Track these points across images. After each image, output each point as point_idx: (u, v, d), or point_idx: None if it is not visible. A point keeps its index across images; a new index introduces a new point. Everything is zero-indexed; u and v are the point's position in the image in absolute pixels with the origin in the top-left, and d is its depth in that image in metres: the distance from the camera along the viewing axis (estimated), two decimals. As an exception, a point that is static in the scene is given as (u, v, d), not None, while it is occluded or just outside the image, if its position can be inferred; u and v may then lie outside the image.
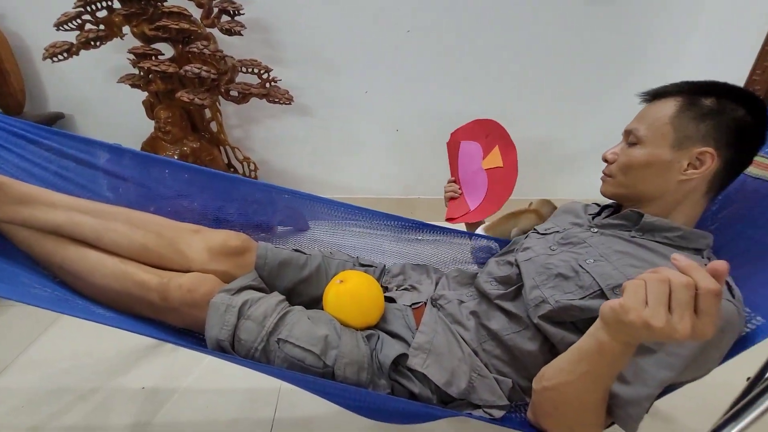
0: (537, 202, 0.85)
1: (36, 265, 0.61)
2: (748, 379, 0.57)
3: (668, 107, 0.59)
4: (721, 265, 0.34)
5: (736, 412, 0.53)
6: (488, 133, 0.98)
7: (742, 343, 0.54)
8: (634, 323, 0.36)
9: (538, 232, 0.73)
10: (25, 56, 1.42)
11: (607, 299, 0.50)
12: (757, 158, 0.68)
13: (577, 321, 0.55)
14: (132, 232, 0.63)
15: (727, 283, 0.51)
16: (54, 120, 1.47)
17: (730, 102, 0.56)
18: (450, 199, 0.97)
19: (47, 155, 0.75)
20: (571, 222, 0.71)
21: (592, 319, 0.45)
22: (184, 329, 0.65)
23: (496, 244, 0.89)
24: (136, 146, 1.39)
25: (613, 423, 0.52)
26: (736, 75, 1.26)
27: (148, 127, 1.36)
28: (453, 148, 1.02)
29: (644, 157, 0.60)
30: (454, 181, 1.00)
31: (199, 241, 0.67)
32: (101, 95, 1.48)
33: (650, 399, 0.48)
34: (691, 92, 0.58)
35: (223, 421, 0.88)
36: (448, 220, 0.95)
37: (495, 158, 0.95)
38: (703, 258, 0.56)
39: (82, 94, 1.49)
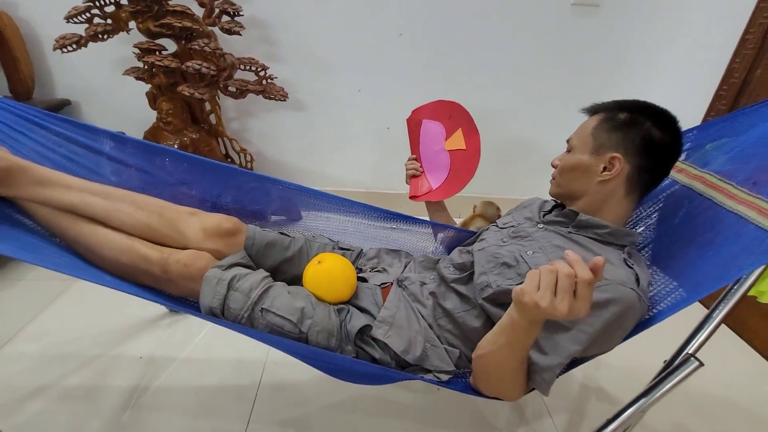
0: (480, 206, 0.92)
1: (54, 237, 0.70)
2: (665, 361, 0.67)
3: (593, 121, 0.69)
4: (599, 260, 0.43)
5: (646, 390, 0.63)
6: (451, 114, 0.99)
7: (663, 314, 0.64)
8: (528, 304, 0.46)
9: (497, 226, 0.82)
10: (34, 44, 1.50)
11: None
12: (685, 167, 0.78)
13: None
14: (137, 213, 0.73)
15: (636, 276, 0.61)
16: (61, 106, 1.55)
17: (640, 117, 0.66)
18: (412, 177, 1.00)
19: (57, 140, 0.83)
20: (525, 217, 0.80)
21: None
22: (180, 297, 0.74)
23: (466, 235, 0.97)
24: (139, 134, 1.48)
25: (533, 389, 0.63)
26: (708, 84, 1.35)
27: (150, 116, 1.45)
28: (414, 125, 1.01)
29: (572, 161, 0.70)
30: (415, 159, 1.02)
31: (195, 222, 0.77)
32: (106, 84, 1.56)
33: (560, 366, 0.58)
34: (612, 109, 0.69)
35: (214, 387, 0.98)
36: (412, 198, 0.98)
37: (458, 140, 0.97)
38: (623, 253, 0.66)
39: (88, 83, 1.57)
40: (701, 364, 0.62)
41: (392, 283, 0.79)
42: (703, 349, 1.19)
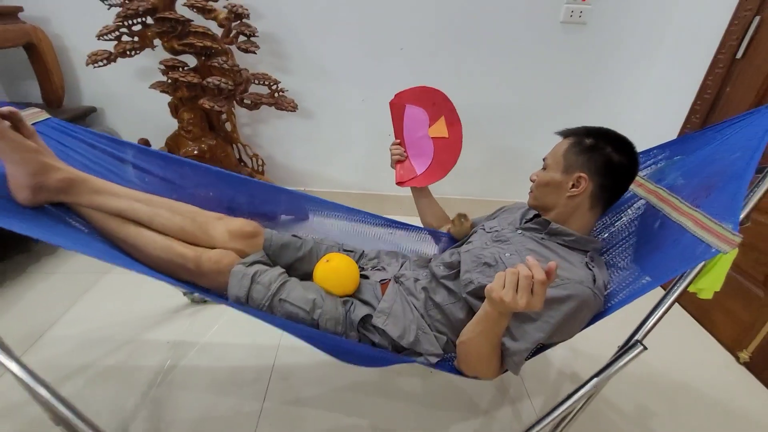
0: (455, 220, 1.00)
1: (104, 237, 0.83)
2: (619, 347, 0.79)
3: (565, 144, 0.81)
4: (552, 265, 0.56)
5: (600, 370, 0.75)
6: (434, 102, 1.01)
7: (619, 304, 0.74)
8: (495, 299, 0.58)
9: (484, 230, 0.95)
10: (64, 56, 1.63)
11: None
12: (644, 182, 0.90)
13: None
14: (173, 217, 0.85)
15: (594, 276, 0.73)
16: (88, 113, 1.68)
17: (602, 142, 0.78)
18: (397, 162, 1.06)
19: (99, 154, 0.95)
20: (508, 222, 0.93)
21: None
22: (209, 289, 0.87)
23: (449, 237, 1.09)
24: (161, 140, 1.61)
25: (506, 370, 0.75)
26: (684, 100, 1.46)
27: (170, 123, 1.57)
28: (398, 109, 1.02)
29: (546, 178, 0.82)
30: (399, 144, 1.05)
31: (221, 226, 0.89)
32: (129, 93, 1.69)
33: (527, 351, 0.70)
34: (581, 134, 0.81)
35: (232, 368, 1.12)
36: (399, 184, 1.02)
37: (441, 128, 1.00)
38: (586, 257, 0.78)
39: (113, 92, 1.70)
40: (645, 348, 0.74)
41: (390, 280, 0.91)
42: (672, 341, 1.34)
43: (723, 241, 0.65)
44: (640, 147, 0.84)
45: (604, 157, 0.78)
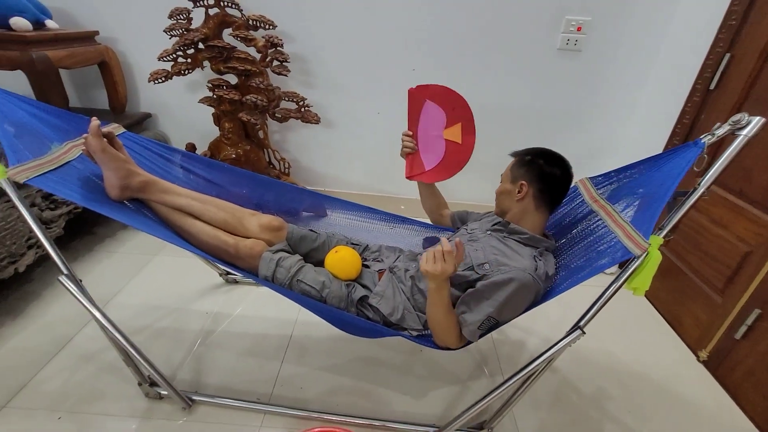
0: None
1: (168, 225, 1.08)
2: (567, 332, 0.98)
3: (512, 161, 1.05)
4: (457, 241, 0.80)
5: (548, 349, 0.94)
6: (455, 106, 1.05)
7: (560, 291, 0.91)
8: (424, 272, 0.81)
9: (466, 230, 1.15)
10: (128, 70, 1.93)
11: (475, 272, 0.94)
12: (599, 199, 1.08)
13: (460, 284, 0.97)
14: (218, 212, 1.10)
15: (536, 266, 0.92)
16: (145, 118, 1.98)
17: (537, 158, 1.00)
18: (407, 154, 1.14)
19: (162, 161, 1.22)
20: (484, 225, 1.13)
21: (468, 283, 0.89)
22: (243, 269, 1.11)
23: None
24: (204, 144, 1.88)
25: (470, 342, 0.96)
26: (667, 123, 1.60)
27: (212, 130, 1.85)
28: (417, 101, 1.03)
29: (501, 188, 1.05)
30: (412, 136, 1.10)
31: (255, 220, 1.13)
32: (179, 102, 1.97)
33: (480, 322, 0.90)
34: (522, 154, 1.03)
35: (258, 335, 1.36)
36: (408, 177, 1.09)
37: (455, 133, 1.04)
38: (535, 252, 0.98)
39: (166, 101, 1.99)
40: (584, 333, 0.92)
41: (386, 270, 1.13)
42: (640, 337, 1.51)
43: (637, 246, 0.83)
44: (628, 161, 1.02)
45: (539, 168, 1.00)
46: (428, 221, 1.36)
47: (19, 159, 0.88)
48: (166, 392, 1.09)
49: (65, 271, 0.94)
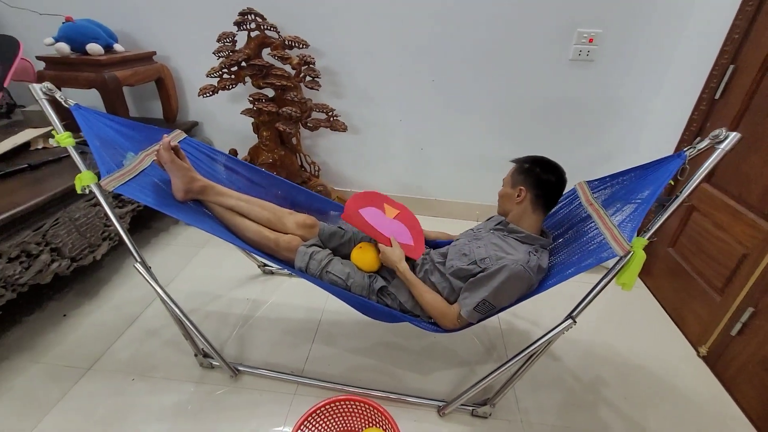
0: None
1: (221, 222, 1.29)
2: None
3: (513, 167, 1.17)
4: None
5: (544, 335, 1.07)
6: (372, 199, 1.25)
7: (552, 284, 1.04)
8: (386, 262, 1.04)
9: (472, 231, 1.30)
10: (178, 84, 2.17)
11: (478, 266, 1.09)
12: (593, 202, 1.19)
13: (465, 276, 1.12)
14: (262, 212, 1.30)
15: (529, 259, 1.05)
16: (193, 126, 2.22)
17: (534, 166, 1.12)
18: (403, 245, 1.21)
19: (212, 162, 1.42)
20: (488, 225, 1.27)
21: (471, 275, 1.05)
22: (282, 260, 1.30)
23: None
24: (244, 150, 2.10)
25: (471, 324, 1.11)
26: (675, 131, 1.68)
27: (252, 137, 2.06)
28: (356, 217, 1.18)
29: (502, 191, 1.19)
30: (375, 242, 1.23)
31: (292, 219, 1.32)
32: (222, 111, 2.20)
33: (475, 304, 1.04)
34: (522, 161, 1.16)
35: (291, 319, 1.56)
36: (419, 256, 1.23)
37: (391, 210, 1.27)
38: (531, 248, 1.10)
39: (210, 110, 2.22)
40: (575, 322, 1.04)
41: (402, 263, 1.30)
42: (643, 332, 1.62)
43: (620, 247, 0.95)
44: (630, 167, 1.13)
45: (535, 176, 1.13)
46: (439, 223, 1.51)
47: (107, 170, 1.10)
48: (217, 363, 1.30)
49: (138, 259, 1.16)
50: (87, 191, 1.09)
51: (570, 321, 1.05)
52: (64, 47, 1.72)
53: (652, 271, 1.82)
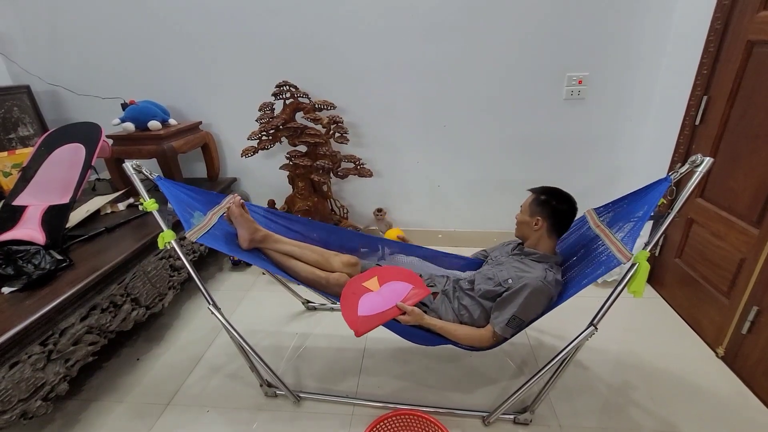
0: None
1: (278, 265, 1.50)
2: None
3: (531, 197, 1.36)
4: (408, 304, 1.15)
5: (570, 343, 1.23)
6: (353, 291, 1.32)
7: (569, 296, 1.21)
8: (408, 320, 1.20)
9: (492, 260, 1.48)
10: (218, 146, 2.47)
11: (502, 286, 1.27)
12: (600, 224, 1.38)
13: (493, 296, 1.30)
14: (312, 254, 1.50)
15: (545, 275, 1.23)
16: (232, 182, 2.49)
17: (551, 197, 1.32)
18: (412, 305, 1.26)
19: (270, 218, 1.66)
20: (505, 251, 1.46)
21: (497, 295, 1.23)
22: (331, 295, 1.49)
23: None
24: (280, 200, 2.35)
25: (505, 340, 1.27)
26: (665, 155, 1.88)
27: (286, 188, 2.32)
28: (364, 324, 1.23)
29: (520, 218, 1.37)
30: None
31: (337, 259, 1.53)
32: (258, 167, 2.47)
33: (506, 320, 1.21)
34: (539, 192, 1.35)
35: (337, 348, 1.73)
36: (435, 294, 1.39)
37: (373, 282, 1.33)
38: (546, 266, 1.28)
39: (247, 166, 2.49)
40: (596, 329, 1.20)
41: (439, 292, 1.47)
42: (662, 337, 1.76)
43: (623, 256, 1.13)
44: (634, 188, 1.28)
45: (552, 207, 1.31)
46: (458, 252, 1.70)
47: (188, 226, 1.33)
48: (281, 392, 1.47)
49: (210, 302, 1.36)
50: (168, 246, 1.32)
51: (592, 328, 1.20)
52: (130, 126, 2.03)
53: (664, 281, 1.96)
